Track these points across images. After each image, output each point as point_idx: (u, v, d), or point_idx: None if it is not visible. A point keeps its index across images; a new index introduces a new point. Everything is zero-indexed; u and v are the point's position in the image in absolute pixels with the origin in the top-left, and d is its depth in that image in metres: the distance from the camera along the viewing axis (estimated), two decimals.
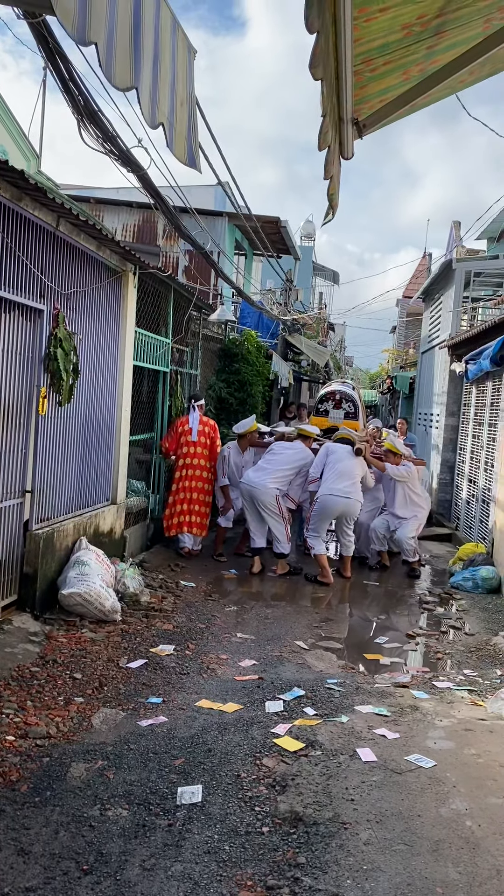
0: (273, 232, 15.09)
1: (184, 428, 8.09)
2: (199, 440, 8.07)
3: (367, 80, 3.00)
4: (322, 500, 7.71)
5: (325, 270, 33.15)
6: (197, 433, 8.06)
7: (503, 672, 5.17)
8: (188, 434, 8.06)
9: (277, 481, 7.70)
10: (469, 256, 14.74)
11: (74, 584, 5.31)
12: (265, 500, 7.62)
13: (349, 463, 7.73)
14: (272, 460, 7.83)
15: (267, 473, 7.70)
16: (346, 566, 7.99)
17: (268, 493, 7.62)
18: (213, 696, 4.31)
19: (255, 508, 7.73)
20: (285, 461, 7.82)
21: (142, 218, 14.15)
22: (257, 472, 7.74)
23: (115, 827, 2.90)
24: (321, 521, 7.82)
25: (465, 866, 2.66)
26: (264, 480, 7.64)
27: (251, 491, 7.66)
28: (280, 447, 8.03)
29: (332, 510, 7.69)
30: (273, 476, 7.68)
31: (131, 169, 5.87)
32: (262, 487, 7.61)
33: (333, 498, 7.62)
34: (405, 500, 8.27)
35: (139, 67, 2.03)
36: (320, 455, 7.96)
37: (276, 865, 2.69)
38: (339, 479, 7.66)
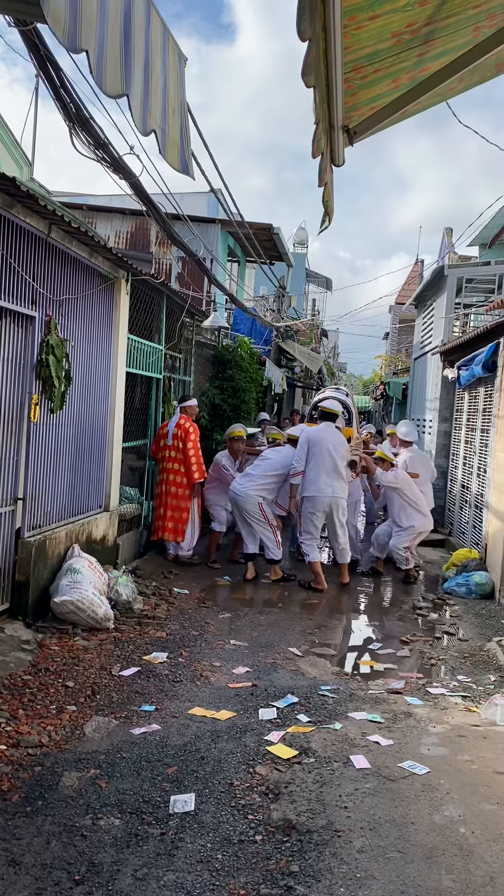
0: (266, 239, 15.14)
1: (162, 431, 8.07)
2: (172, 443, 7.92)
3: (358, 87, 3.01)
4: (306, 500, 7.70)
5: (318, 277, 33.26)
6: (171, 436, 7.93)
7: (497, 678, 5.17)
8: (164, 437, 8.00)
9: (261, 489, 7.67)
10: (461, 263, 14.80)
11: (67, 592, 5.29)
12: (248, 508, 7.64)
13: (330, 458, 7.58)
14: (258, 465, 7.83)
15: (250, 480, 7.70)
16: (342, 573, 7.91)
17: (249, 500, 7.63)
18: (207, 704, 4.30)
19: (242, 515, 7.74)
20: (271, 467, 7.78)
21: (134, 225, 14.17)
22: (243, 479, 7.77)
23: (108, 836, 2.88)
24: (311, 523, 7.73)
25: (458, 873, 2.65)
26: (246, 488, 7.65)
27: (235, 498, 7.71)
28: (269, 453, 8.03)
29: (318, 508, 7.63)
30: (257, 483, 7.67)
31: (123, 176, 5.88)
32: (243, 495, 7.63)
33: (318, 498, 7.61)
34: (401, 508, 8.25)
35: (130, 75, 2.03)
36: (301, 443, 7.76)
37: (270, 874, 2.68)
38: (320, 475, 7.60)
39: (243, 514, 7.69)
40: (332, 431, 7.81)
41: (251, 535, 7.79)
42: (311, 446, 7.66)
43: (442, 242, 17.70)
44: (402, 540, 8.17)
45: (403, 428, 9.51)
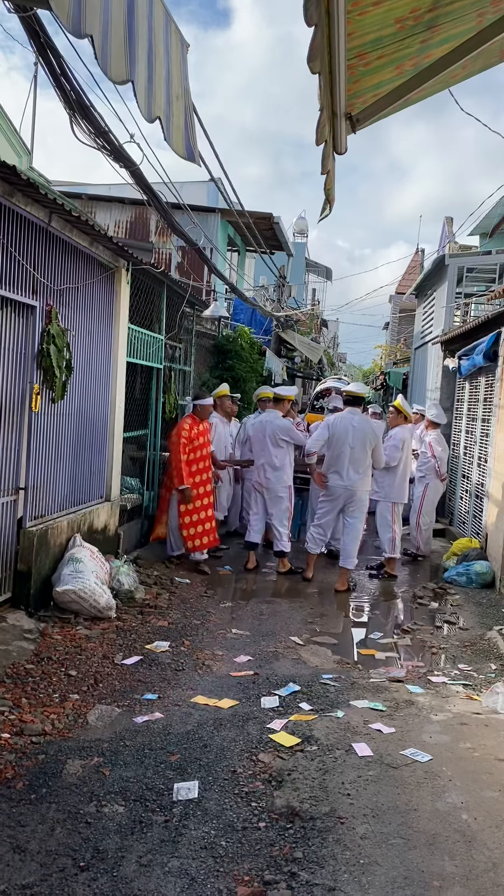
0: (266, 228, 15.08)
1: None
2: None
3: (361, 74, 3.00)
4: (328, 486, 7.49)
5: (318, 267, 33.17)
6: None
7: (498, 666, 5.19)
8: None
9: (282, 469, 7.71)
10: (462, 252, 14.76)
11: (69, 582, 5.30)
12: (279, 492, 7.73)
13: (352, 447, 7.25)
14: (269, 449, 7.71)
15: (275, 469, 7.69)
16: (341, 578, 7.42)
17: (282, 482, 7.73)
18: (209, 692, 4.31)
19: (262, 503, 7.71)
20: (272, 444, 7.65)
21: (134, 214, 14.11)
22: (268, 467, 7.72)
23: (112, 823, 2.90)
24: (325, 514, 7.51)
25: (461, 859, 2.67)
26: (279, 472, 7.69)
27: (267, 484, 7.71)
28: (261, 432, 7.75)
29: (334, 498, 7.43)
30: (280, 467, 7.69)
31: (124, 164, 5.85)
32: (275, 479, 7.70)
33: (333, 487, 7.41)
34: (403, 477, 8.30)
35: (134, 60, 2.02)
36: (322, 426, 7.52)
37: (273, 860, 2.70)
38: (339, 464, 7.31)
39: (270, 501, 7.69)
40: (359, 418, 7.39)
41: (259, 525, 7.79)
42: (333, 432, 7.34)
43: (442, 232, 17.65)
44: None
45: (434, 410, 9.62)
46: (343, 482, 7.33)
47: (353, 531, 7.44)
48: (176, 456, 7.23)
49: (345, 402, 7.80)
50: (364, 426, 7.30)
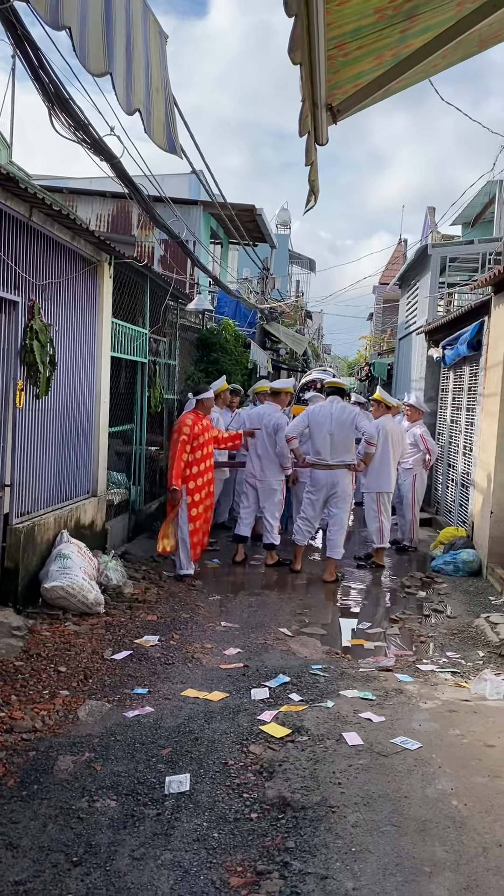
0: (248, 220, 15.04)
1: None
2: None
3: (341, 64, 2.99)
4: (307, 479, 7.57)
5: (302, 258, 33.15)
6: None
7: (485, 653, 5.24)
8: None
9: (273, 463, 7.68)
10: (444, 242, 14.79)
11: (57, 578, 5.29)
12: (273, 485, 7.71)
13: (332, 435, 7.28)
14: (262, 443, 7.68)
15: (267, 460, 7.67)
16: (328, 569, 7.42)
17: (276, 477, 7.70)
18: (199, 685, 4.32)
19: (255, 496, 7.73)
20: (268, 437, 7.62)
21: (116, 208, 14.02)
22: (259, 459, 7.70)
23: (104, 818, 2.90)
24: (310, 504, 7.55)
25: (451, 845, 2.70)
26: (272, 466, 7.66)
27: (261, 477, 7.68)
28: (258, 424, 7.69)
29: (317, 488, 7.47)
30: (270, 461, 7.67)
31: (104, 157, 5.81)
32: (269, 474, 7.68)
33: (316, 476, 7.47)
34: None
35: (112, 52, 2.00)
36: (301, 415, 7.56)
37: (266, 851, 2.71)
38: (320, 453, 7.37)
39: (263, 493, 7.68)
40: (339, 406, 7.39)
41: (249, 518, 7.80)
42: (313, 420, 7.39)
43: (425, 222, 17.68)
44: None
45: (413, 396, 9.71)
46: (325, 471, 7.39)
47: (338, 522, 7.48)
48: (174, 455, 6.80)
49: (326, 393, 7.84)
50: (343, 413, 7.34)
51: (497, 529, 7.39)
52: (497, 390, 7.38)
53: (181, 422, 6.95)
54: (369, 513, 8.23)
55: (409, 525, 9.21)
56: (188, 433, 6.84)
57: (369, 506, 8.23)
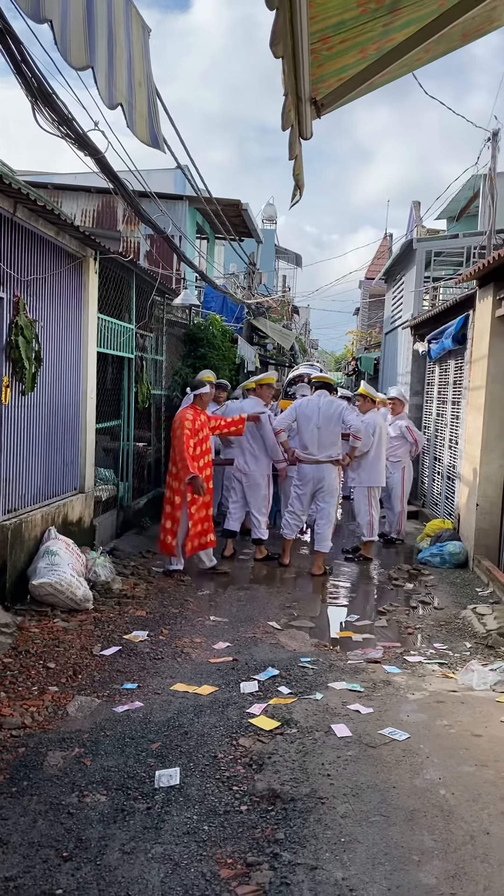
0: (234, 215, 15.01)
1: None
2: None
3: (324, 58, 2.99)
4: (295, 472, 7.61)
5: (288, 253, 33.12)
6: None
7: (472, 644, 5.28)
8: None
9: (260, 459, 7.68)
10: (429, 236, 14.82)
11: (45, 575, 5.28)
12: (259, 480, 7.72)
13: (320, 429, 7.32)
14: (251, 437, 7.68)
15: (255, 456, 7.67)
16: (316, 562, 7.44)
17: (260, 471, 7.70)
18: (188, 680, 4.33)
19: (242, 491, 7.73)
20: (251, 431, 7.62)
21: (101, 203, 13.96)
22: (247, 454, 7.71)
23: (94, 813, 2.91)
24: (297, 498, 7.56)
25: (439, 833, 2.72)
26: (259, 461, 7.68)
27: (247, 472, 7.68)
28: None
29: (304, 481, 7.49)
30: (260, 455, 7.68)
31: (88, 153, 5.78)
32: (255, 468, 7.69)
33: (303, 469, 7.49)
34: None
35: (94, 46, 1.99)
36: (289, 408, 7.60)
37: (256, 842, 2.73)
38: (307, 446, 7.41)
39: (248, 488, 7.69)
40: (327, 401, 7.42)
41: (239, 513, 7.81)
42: (300, 413, 7.42)
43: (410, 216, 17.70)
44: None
45: (395, 389, 9.74)
46: (312, 465, 7.42)
47: (325, 515, 7.51)
48: (180, 447, 6.76)
49: (313, 388, 7.85)
50: (330, 407, 7.37)
51: (483, 521, 7.44)
52: (482, 383, 7.42)
53: (181, 417, 6.90)
54: (360, 506, 8.27)
55: (397, 518, 9.26)
56: (190, 427, 6.84)
57: (360, 500, 8.26)
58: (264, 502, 7.81)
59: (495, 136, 10.57)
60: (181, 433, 6.79)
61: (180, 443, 6.77)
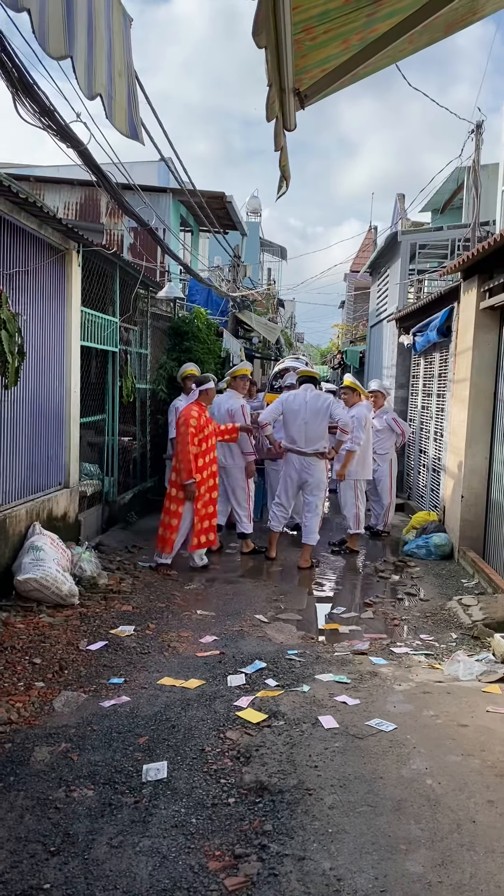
0: (219, 207, 14.95)
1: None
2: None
3: (308, 49, 2.97)
4: (285, 457, 7.59)
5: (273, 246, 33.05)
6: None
7: (458, 635, 5.31)
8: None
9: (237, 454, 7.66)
10: (414, 229, 14.84)
11: (30, 570, 5.25)
12: (236, 475, 7.69)
13: (306, 422, 7.31)
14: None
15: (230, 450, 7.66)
16: (303, 555, 7.47)
17: (237, 467, 7.67)
18: (175, 674, 4.33)
19: (224, 485, 7.72)
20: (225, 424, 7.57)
21: (84, 195, 13.86)
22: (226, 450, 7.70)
23: (81, 807, 2.90)
24: (283, 490, 7.56)
25: (426, 822, 2.74)
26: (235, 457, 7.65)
27: (224, 466, 7.65)
28: (217, 411, 7.66)
29: (290, 473, 7.49)
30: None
31: (71, 144, 5.72)
32: (231, 463, 7.67)
33: (289, 462, 7.49)
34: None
35: (73, 35, 1.97)
36: (276, 402, 7.60)
37: (244, 834, 2.73)
38: (294, 440, 7.41)
39: (228, 483, 7.68)
40: (313, 394, 7.43)
41: (223, 507, 7.80)
42: (287, 408, 7.42)
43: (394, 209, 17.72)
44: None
45: (375, 382, 9.75)
46: (299, 456, 7.41)
47: (313, 508, 7.50)
48: (185, 447, 6.72)
49: (298, 382, 7.85)
50: (316, 400, 7.37)
51: (468, 513, 7.48)
52: (466, 376, 7.45)
53: (187, 414, 6.86)
54: (346, 499, 8.29)
55: (384, 510, 9.29)
56: (195, 425, 6.79)
57: (346, 492, 8.28)
58: (244, 496, 7.79)
59: (479, 127, 10.59)
60: (185, 430, 6.75)
61: (183, 441, 6.75)
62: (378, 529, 9.24)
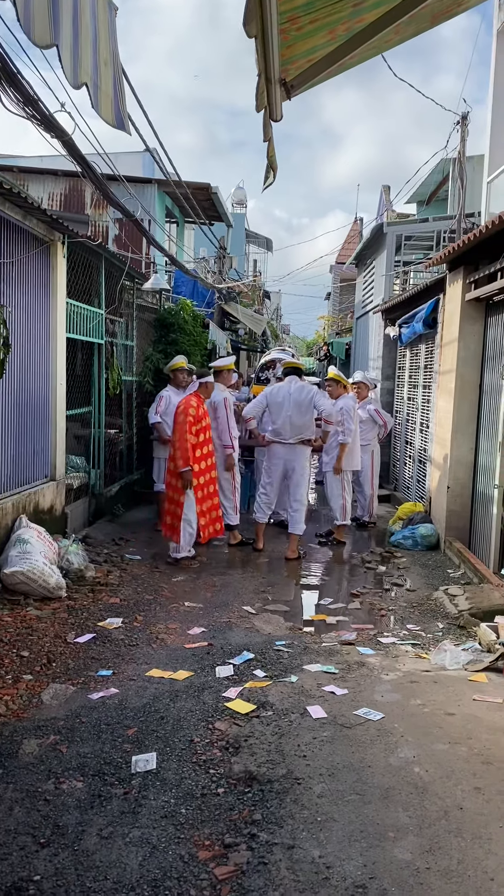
0: (204, 199, 14.89)
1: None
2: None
3: (294, 39, 2.96)
4: (266, 455, 7.61)
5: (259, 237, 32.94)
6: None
7: (445, 625, 5.35)
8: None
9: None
10: (399, 220, 14.86)
11: (16, 563, 5.23)
12: (222, 469, 7.66)
13: (290, 413, 7.32)
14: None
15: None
16: (290, 546, 7.48)
17: (220, 460, 7.63)
18: (164, 665, 4.34)
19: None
20: (212, 416, 7.51)
21: (68, 186, 13.76)
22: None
23: (71, 799, 2.91)
24: (268, 481, 7.57)
25: (414, 810, 2.77)
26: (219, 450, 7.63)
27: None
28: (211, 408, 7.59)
29: (275, 463, 7.49)
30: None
31: (55, 134, 5.68)
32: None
33: (274, 452, 7.49)
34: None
35: (58, 23, 1.95)
36: (260, 395, 7.60)
37: (233, 824, 2.75)
38: (279, 430, 7.41)
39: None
40: (297, 386, 7.45)
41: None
42: (272, 400, 7.42)
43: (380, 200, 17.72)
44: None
45: (360, 374, 9.77)
46: (284, 447, 7.42)
47: (298, 498, 7.52)
48: (182, 436, 6.77)
49: (283, 373, 7.86)
50: (301, 393, 7.37)
51: (454, 504, 7.52)
52: (452, 367, 7.48)
53: (186, 403, 6.91)
54: (332, 490, 8.32)
55: (368, 500, 9.34)
56: (194, 414, 6.83)
57: (332, 484, 8.31)
58: (230, 487, 7.79)
59: (464, 119, 10.59)
60: (184, 419, 6.80)
61: (181, 430, 6.80)
62: (364, 520, 9.28)
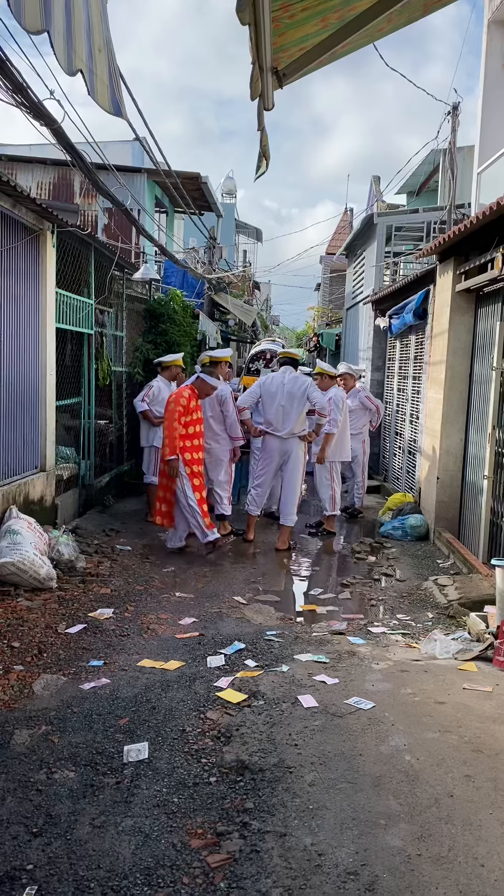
0: (194, 188, 14.83)
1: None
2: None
3: (286, 27, 2.94)
4: (260, 447, 7.62)
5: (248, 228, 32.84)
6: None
7: (434, 615, 5.38)
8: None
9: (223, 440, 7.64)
10: (389, 211, 14.84)
11: (7, 554, 5.22)
12: (222, 458, 7.64)
13: (284, 404, 7.32)
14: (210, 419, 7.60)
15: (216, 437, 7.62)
16: (281, 537, 7.53)
17: (223, 451, 7.64)
18: (155, 655, 4.34)
19: (205, 468, 7.71)
20: (211, 408, 7.52)
21: (57, 175, 13.66)
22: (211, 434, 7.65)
23: (63, 789, 2.91)
24: (262, 473, 7.57)
25: (405, 797, 2.79)
26: (219, 441, 7.62)
27: (209, 450, 7.57)
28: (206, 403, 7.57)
29: (269, 455, 7.49)
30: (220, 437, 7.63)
31: (44, 122, 5.62)
32: (217, 448, 7.62)
33: (268, 443, 7.48)
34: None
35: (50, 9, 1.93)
36: (254, 385, 7.60)
37: (225, 812, 2.76)
38: (272, 421, 7.40)
39: (210, 465, 7.61)
40: (291, 377, 7.44)
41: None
42: (265, 390, 7.41)
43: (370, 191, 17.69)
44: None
45: (344, 365, 9.78)
46: (277, 439, 7.42)
47: (291, 489, 7.52)
48: (170, 423, 6.74)
49: (278, 363, 7.84)
50: (294, 383, 7.37)
51: (443, 494, 7.56)
52: (442, 358, 7.50)
53: (179, 393, 6.91)
54: (321, 481, 8.33)
55: (360, 489, 9.38)
56: (184, 404, 6.80)
57: (321, 474, 8.32)
58: (227, 479, 7.81)
59: (455, 109, 10.58)
60: (173, 408, 6.78)
61: (170, 419, 6.78)
62: (355, 510, 9.32)
